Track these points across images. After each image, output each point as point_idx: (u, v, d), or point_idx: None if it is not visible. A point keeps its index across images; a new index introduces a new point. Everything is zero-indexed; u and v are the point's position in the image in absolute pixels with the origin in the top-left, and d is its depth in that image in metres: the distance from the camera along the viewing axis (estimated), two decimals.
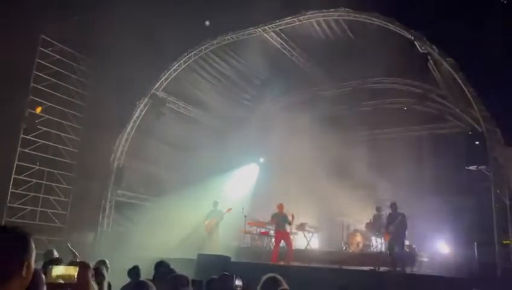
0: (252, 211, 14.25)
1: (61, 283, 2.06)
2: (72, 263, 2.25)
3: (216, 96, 16.35)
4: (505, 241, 9.44)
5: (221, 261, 9.98)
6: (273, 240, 14.83)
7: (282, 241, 12.01)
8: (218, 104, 16.57)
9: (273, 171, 16.30)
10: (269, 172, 16.60)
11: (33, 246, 1.70)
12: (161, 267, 4.51)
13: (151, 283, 3.11)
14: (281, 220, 12.01)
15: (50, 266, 2.09)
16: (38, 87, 14.45)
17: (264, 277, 3.72)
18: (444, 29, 10.40)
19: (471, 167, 10.40)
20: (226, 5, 12.58)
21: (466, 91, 10.40)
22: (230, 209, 13.46)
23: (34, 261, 1.72)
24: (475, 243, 9.74)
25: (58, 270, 2.09)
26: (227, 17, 12.91)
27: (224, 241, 14.06)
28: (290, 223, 12.10)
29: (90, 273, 2.24)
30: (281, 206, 12.23)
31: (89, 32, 13.86)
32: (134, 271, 5.77)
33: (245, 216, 13.40)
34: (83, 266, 2.15)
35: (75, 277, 2.08)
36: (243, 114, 18.03)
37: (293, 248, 12.30)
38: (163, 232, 14.95)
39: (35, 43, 14.33)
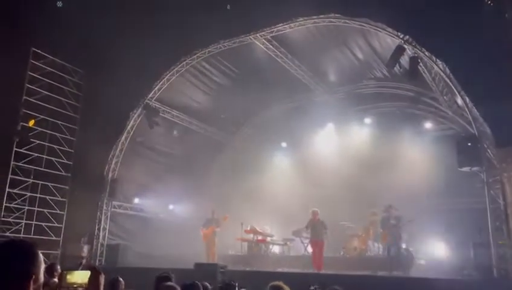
0: (251, 217, 14.22)
1: (75, 288, 2.15)
2: (84, 268, 2.33)
3: (209, 104, 16.38)
4: (500, 242, 9.47)
5: (218, 270, 9.92)
6: (271, 247, 14.86)
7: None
8: (211, 112, 16.61)
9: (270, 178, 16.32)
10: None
11: (41, 259, 1.71)
12: (163, 280, 4.44)
13: None
14: (317, 227, 11.75)
15: (64, 272, 2.19)
16: (31, 100, 14.39)
17: (269, 285, 3.71)
18: (433, 32, 10.48)
19: (464, 169, 10.42)
20: (217, 14, 12.63)
21: (457, 93, 10.48)
22: (226, 217, 13.45)
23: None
24: (471, 245, 9.78)
25: (72, 276, 2.18)
26: (218, 26, 12.94)
27: (221, 250, 14.04)
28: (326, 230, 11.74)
29: (102, 277, 2.29)
30: (315, 213, 11.94)
31: (81, 43, 13.86)
32: (117, 283, 5.61)
33: (241, 224, 13.38)
34: (94, 271, 2.21)
35: (87, 281, 2.17)
36: (237, 121, 18.08)
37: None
38: (161, 242, 14.91)
39: (26, 56, 14.29)
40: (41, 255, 1.73)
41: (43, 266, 1.72)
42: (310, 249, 14.27)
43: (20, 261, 1.66)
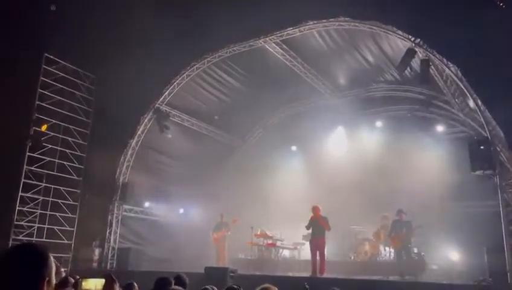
0: (261, 221, 14.19)
1: None
2: (99, 276, 2.34)
3: (219, 108, 16.44)
4: None
5: (228, 274, 9.91)
6: (281, 251, 14.79)
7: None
8: (221, 116, 16.67)
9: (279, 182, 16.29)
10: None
11: (52, 262, 1.73)
12: (164, 283, 4.43)
13: None
14: (317, 225, 10.82)
15: (80, 279, 2.23)
16: (43, 104, 14.57)
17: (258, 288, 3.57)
18: (445, 34, 10.38)
19: (477, 172, 10.28)
20: (227, 17, 12.67)
21: (469, 96, 10.37)
22: (235, 220, 13.47)
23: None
24: (484, 250, 9.63)
25: (87, 283, 2.21)
26: (228, 29, 12.99)
27: (231, 254, 14.04)
28: (328, 230, 10.82)
29: (116, 285, 2.31)
30: (317, 209, 10.98)
31: (92, 48, 14.00)
32: (132, 287, 5.61)
33: (251, 228, 13.37)
34: (109, 279, 2.22)
35: (102, 288, 2.19)
36: (247, 125, 18.10)
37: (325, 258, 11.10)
38: (172, 246, 14.96)
39: (38, 61, 14.48)
40: (52, 258, 1.74)
41: (54, 269, 1.73)
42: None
43: (34, 264, 1.67)
